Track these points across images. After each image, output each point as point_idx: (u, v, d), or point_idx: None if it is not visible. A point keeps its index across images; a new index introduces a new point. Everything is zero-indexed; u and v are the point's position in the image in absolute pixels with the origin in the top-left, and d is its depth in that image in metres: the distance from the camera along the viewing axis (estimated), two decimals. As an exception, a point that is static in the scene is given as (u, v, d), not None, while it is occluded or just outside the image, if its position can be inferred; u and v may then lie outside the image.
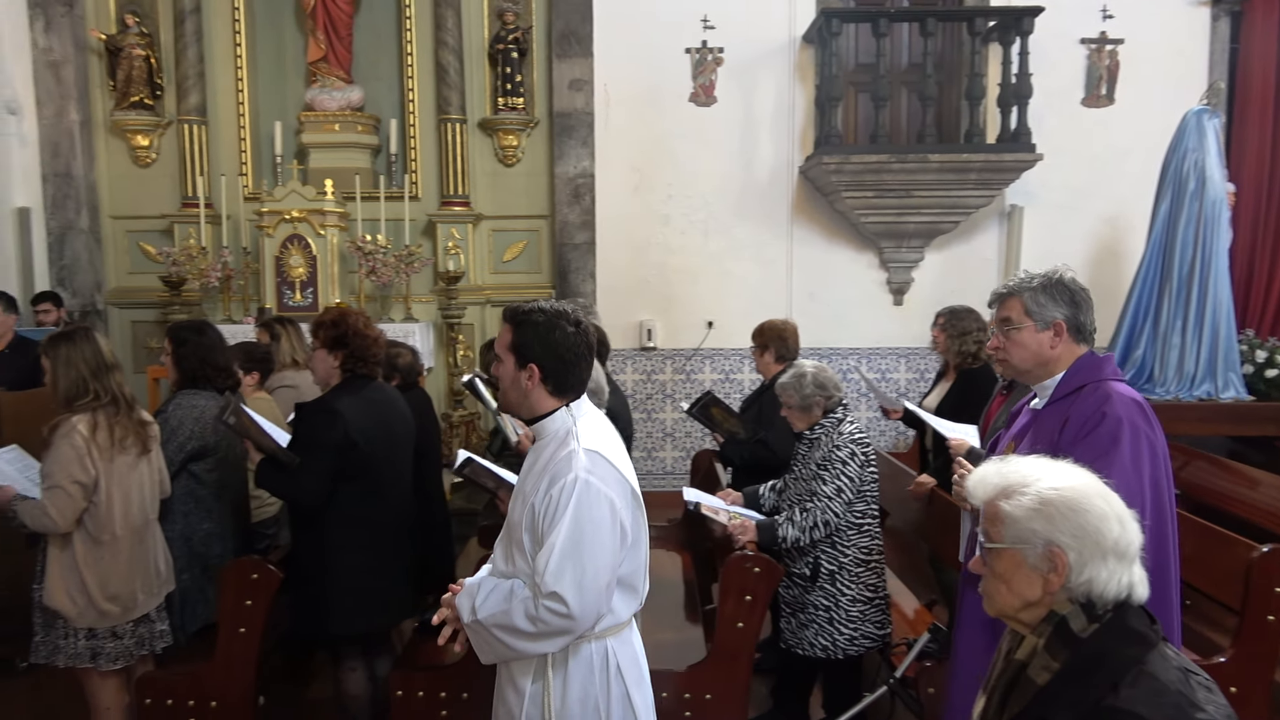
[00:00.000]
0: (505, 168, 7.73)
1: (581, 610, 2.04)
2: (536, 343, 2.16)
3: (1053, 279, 2.43)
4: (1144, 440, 2.28)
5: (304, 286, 7.10)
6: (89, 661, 3.23)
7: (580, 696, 2.15)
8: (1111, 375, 2.41)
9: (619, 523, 2.10)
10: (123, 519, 3.22)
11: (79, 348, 3.21)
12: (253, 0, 7.64)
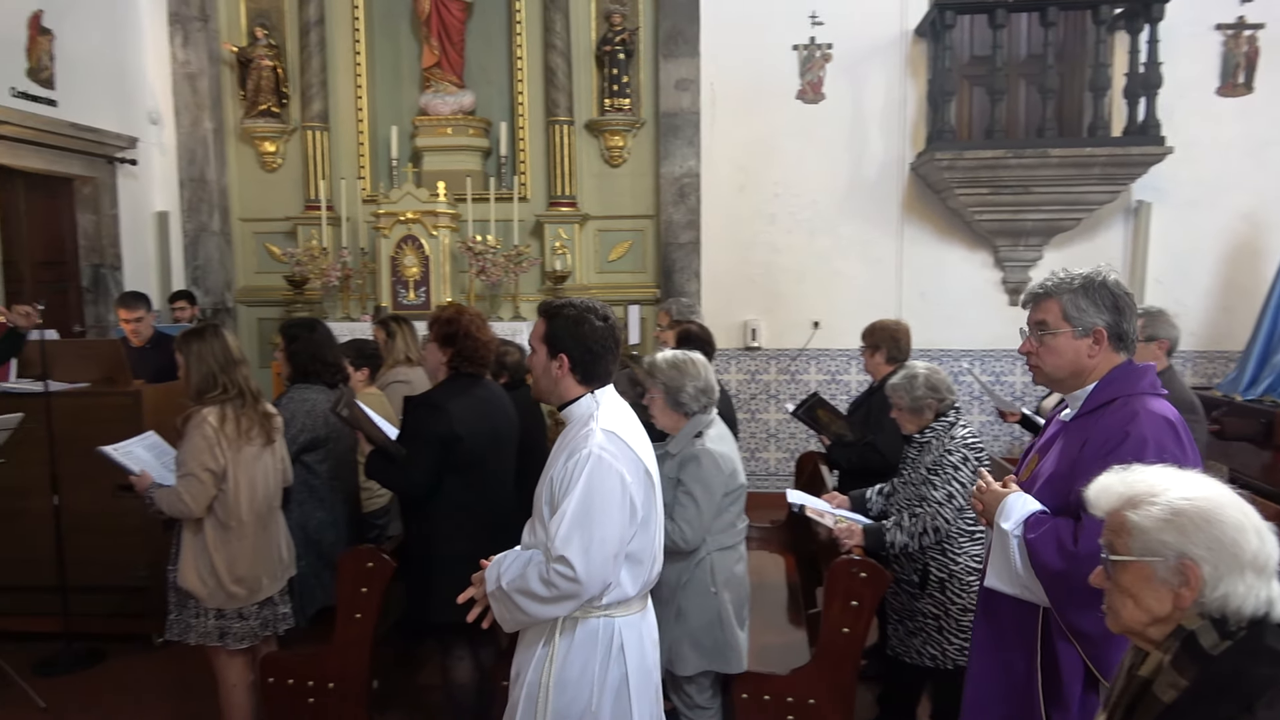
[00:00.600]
0: (611, 168, 7.80)
1: (588, 574, 2.14)
2: (567, 335, 2.31)
3: (1095, 281, 2.23)
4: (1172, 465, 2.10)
5: (418, 285, 7.33)
6: (217, 640, 3.41)
7: (579, 668, 2.25)
8: (1148, 389, 2.20)
9: (629, 497, 2.21)
10: (248, 506, 3.38)
11: (209, 344, 3.39)
12: (372, 10, 7.93)
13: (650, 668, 2.40)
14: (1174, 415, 2.17)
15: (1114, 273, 2.26)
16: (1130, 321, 2.23)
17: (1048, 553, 2.07)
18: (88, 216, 7.31)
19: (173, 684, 4.39)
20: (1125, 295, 2.23)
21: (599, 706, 2.26)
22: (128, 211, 7.54)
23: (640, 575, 2.31)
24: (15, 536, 4.67)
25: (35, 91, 6.53)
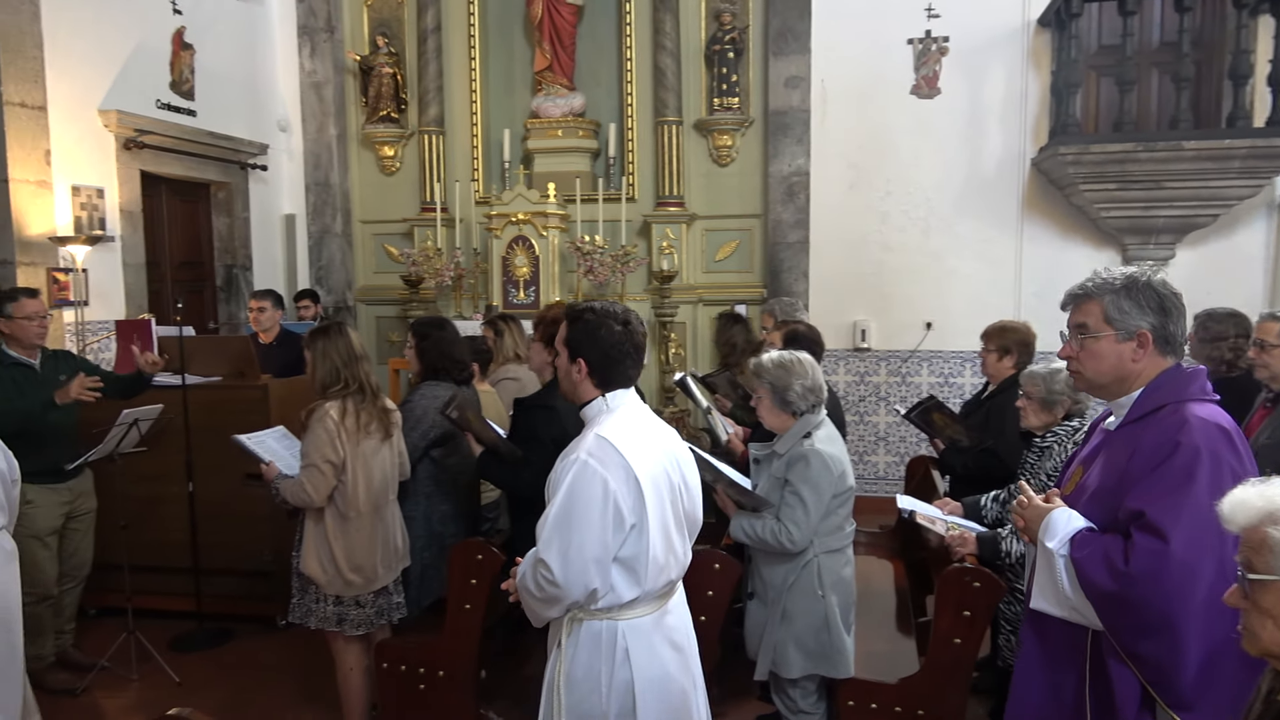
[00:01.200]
0: (719, 168, 7.78)
1: (565, 579, 2.16)
2: (585, 340, 2.32)
3: (1139, 281, 2.08)
4: (1228, 475, 1.87)
5: (527, 285, 7.47)
6: (335, 625, 3.56)
7: (585, 670, 2.27)
8: (1198, 394, 2.04)
9: (612, 504, 2.17)
10: (366, 497, 3.51)
11: (333, 341, 3.54)
12: (486, 16, 8.13)
13: (669, 673, 2.33)
14: (1227, 422, 2.02)
15: (1160, 272, 2.14)
16: (1177, 324, 2.08)
17: (1097, 573, 1.94)
18: (222, 219, 7.74)
19: (295, 664, 4.60)
20: (1172, 296, 2.09)
21: (607, 707, 2.26)
22: (258, 214, 7.95)
23: (636, 581, 2.26)
24: (156, 520, 4.98)
25: (177, 103, 6.95)
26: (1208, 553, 1.86)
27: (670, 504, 2.33)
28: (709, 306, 7.81)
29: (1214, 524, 1.84)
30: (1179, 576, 1.86)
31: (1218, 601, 1.84)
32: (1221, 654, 1.86)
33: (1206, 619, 1.86)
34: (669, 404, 7.56)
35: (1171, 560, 1.85)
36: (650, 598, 2.31)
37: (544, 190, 7.46)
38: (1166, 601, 1.87)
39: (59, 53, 5.81)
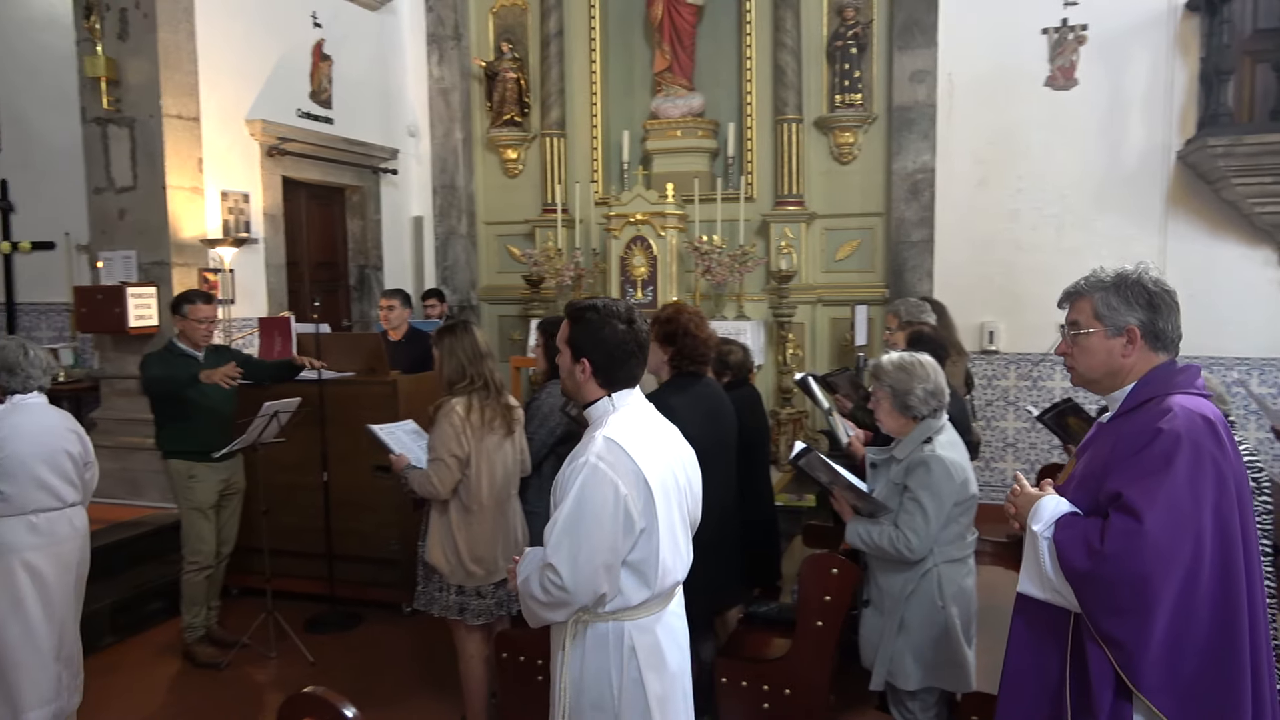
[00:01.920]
0: (840, 166, 7.64)
1: (574, 584, 2.14)
2: (587, 339, 2.28)
3: (1128, 278, 2.11)
4: (1208, 464, 1.90)
5: (645, 285, 7.52)
6: (457, 614, 3.67)
7: (595, 671, 2.25)
8: (1186, 388, 2.05)
9: (622, 509, 2.15)
10: (488, 491, 3.61)
11: (460, 339, 3.65)
12: (607, 20, 8.22)
13: (674, 669, 2.35)
14: (1213, 413, 2.01)
15: (1153, 269, 2.13)
16: (1168, 319, 2.09)
17: (1075, 553, 1.97)
18: (355, 222, 8.09)
19: (419, 650, 4.77)
20: (1163, 292, 2.10)
21: (618, 708, 2.25)
22: (389, 217, 8.28)
23: (645, 584, 2.24)
24: (294, 507, 5.26)
25: (316, 111, 7.32)
26: (1184, 538, 1.88)
27: (677, 505, 2.32)
28: (828, 307, 7.69)
29: (1191, 510, 1.88)
30: (1152, 557, 1.88)
31: (1193, 589, 1.87)
32: (1189, 642, 1.90)
33: (1180, 605, 1.89)
34: (786, 404, 7.48)
35: (1145, 540, 1.88)
36: (656, 599, 2.29)
37: (662, 191, 7.49)
38: (1139, 581, 1.89)
39: (211, 67, 6.20)
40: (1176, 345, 2.13)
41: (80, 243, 6.77)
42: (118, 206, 6.00)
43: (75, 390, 6.54)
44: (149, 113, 5.85)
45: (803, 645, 3.33)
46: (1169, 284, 2.13)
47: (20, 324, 7.50)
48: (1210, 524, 1.91)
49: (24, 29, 7.06)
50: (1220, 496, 1.93)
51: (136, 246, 5.97)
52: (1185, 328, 2.15)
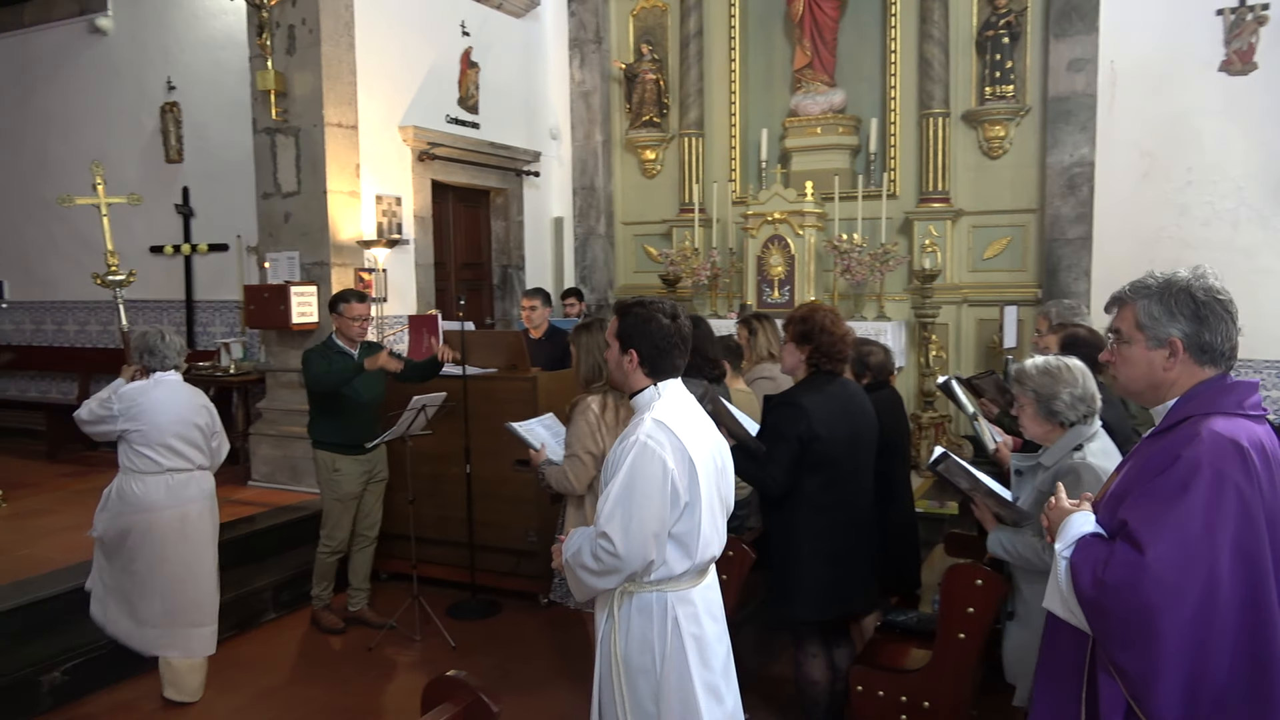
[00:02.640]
0: (989, 160, 7.34)
1: (627, 551, 2.30)
2: (635, 332, 2.45)
3: (1174, 286, 1.97)
4: (1230, 493, 1.77)
5: (782, 284, 7.44)
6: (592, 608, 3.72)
7: (640, 638, 2.42)
8: (1230, 408, 1.90)
9: (670, 483, 2.32)
10: (623, 487, 3.65)
11: (596, 337, 3.70)
12: (747, 18, 8.18)
13: (711, 638, 2.48)
14: (1249, 439, 1.84)
15: (1206, 277, 1.96)
16: (1216, 332, 1.94)
17: (1084, 578, 1.89)
18: (499, 223, 8.35)
19: (554, 641, 4.88)
20: (1212, 303, 1.94)
21: (663, 674, 2.40)
22: (530, 218, 8.51)
23: (687, 555, 2.41)
24: (439, 497, 5.48)
25: (464, 117, 7.60)
26: (1193, 572, 1.78)
27: (716, 486, 2.48)
28: (974, 307, 7.40)
29: (1204, 543, 1.77)
30: (1154, 590, 1.79)
31: (1209, 624, 1.76)
32: (1208, 681, 1.79)
33: (1194, 641, 1.79)
34: (928, 408, 7.24)
35: (1146, 572, 1.79)
36: (695, 571, 2.45)
37: (801, 189, 7.39)
38: (1142, 614, 1.80)
39: (368, 77, 6.53)
40: (1228, 359, 1.97)
41: (250, 244, 7.27)
42: (283, 210, 6.41)
43: (243, 382, 7.02)
44: (312, 122, 6.21)
45: (944, 657, 3.22)
46: (1224, 292, 1.96)
47: (197, 319, 8.11)
48: (1229, 559, 1.79)
49: (206, 48, 7.63)
50: (1244, 529, 1.79)
51: (299, 248, 6.36)
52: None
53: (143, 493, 4.04)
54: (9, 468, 6.69)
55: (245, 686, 4.43)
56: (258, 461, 6.65)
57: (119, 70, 8.11)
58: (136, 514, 4.04)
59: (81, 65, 8.33)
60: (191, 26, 7.70)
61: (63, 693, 4.21)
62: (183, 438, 4.09)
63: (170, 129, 7.88)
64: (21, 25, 8.67)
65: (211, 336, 7.91)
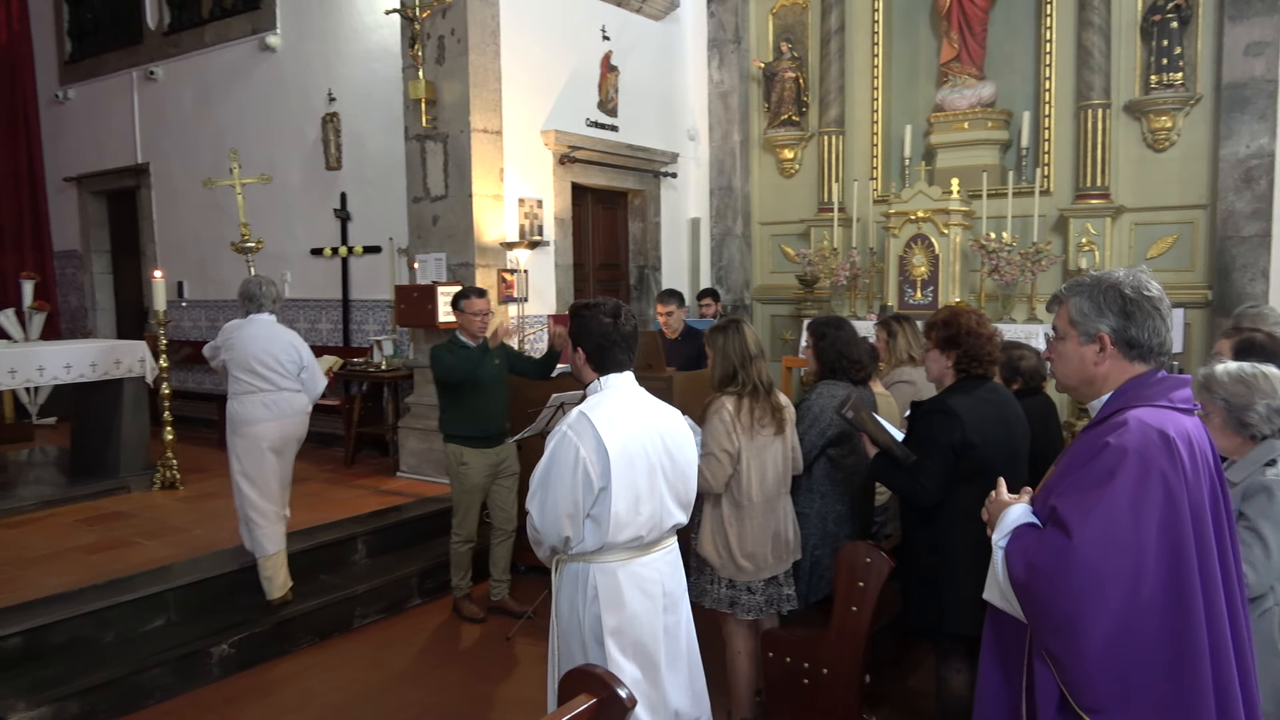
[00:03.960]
0: (1154, 153, 6.89)
1: (544, 526, 2.63)
2: (581, 331, 2.74)
3: (1104, 284, 2.03)
4: (1157, 481, 1.82)
5: (924, 285, 7.21)
6: (727, 608, 3.72)
7: (568, 603, 2.72)
8: (1158, 400, 1.95)
9: (582, 469, 2.55)
10: (758, 488, 3.62)
11: (731, 339, 3.69)
12: (890, 12, 7.98)
13: (636, 612, 2.67)
14: (1175, 430, 1.88)
15: (1137, 274, 2.01)
16: (1144, 329, 1.98)
17: (1016, 564, 1.96)
18: (636, 224, 8.45)
19: (687, 641, 4.88)
20: (1140, 299, 1.99)
21: (584, 635, 2.66)
22: (667, 219, 8.56)
23: (601, 534, 2.61)
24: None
25: (603, 120, 7.72)
26: (1120, 556, 1.82)
27: (645, 473, 2.65)
28: (1136, 310, 6.96)
29: (1130, 528, 1.81)
30: (1082, 575, 1.83)
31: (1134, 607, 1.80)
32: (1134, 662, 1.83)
33: (1121, 623, 1.82)
34: (1082, 415, 6.85)
35: (1073, 556, 1.84)
36: (616, 548, 2.65)
37: (946, 186, 7.15)
38: (1070, 598, 1.85)
39: (512, 83, 6.73)
40: (1159, 355, 2.02)
41: (401, 246, 7.62)
42: (432, 214, 6.68)
43: (393, 378, 7.36)
44: (460, 128, 6.46)
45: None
46: (1154, 290, 2.00)
47: (352, 317, 8.56)
48: (1155, 543, 1.83)
49: (363, 61, 8.05)
50: (1170, 514, 1.83)
51: (446, 249, 6.62)
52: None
53: (242, 410, 4.81)
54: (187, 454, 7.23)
55: (389, 666, 4.65)
56: (405, 454, 6.96)
57: (285, 84, 8.66)
58: (244, 427, 4.81)
59: (253, 80, 8.94)
60: (351, 41, 8.13)
61: (229, 664, 4.52)
62: (265, 365, 4.80)
63: (330, 138, 8.35)
64: (203, 45, 9.38)
65: (365, 334, 8.33)
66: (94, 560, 5.06)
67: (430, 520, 6.00)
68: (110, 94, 10.41)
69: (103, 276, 11.20)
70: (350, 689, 4.41)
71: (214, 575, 4.89)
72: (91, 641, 4.33)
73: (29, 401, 9.52)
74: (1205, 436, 1.99)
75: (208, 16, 9.37)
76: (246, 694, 4.36)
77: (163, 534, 5.56)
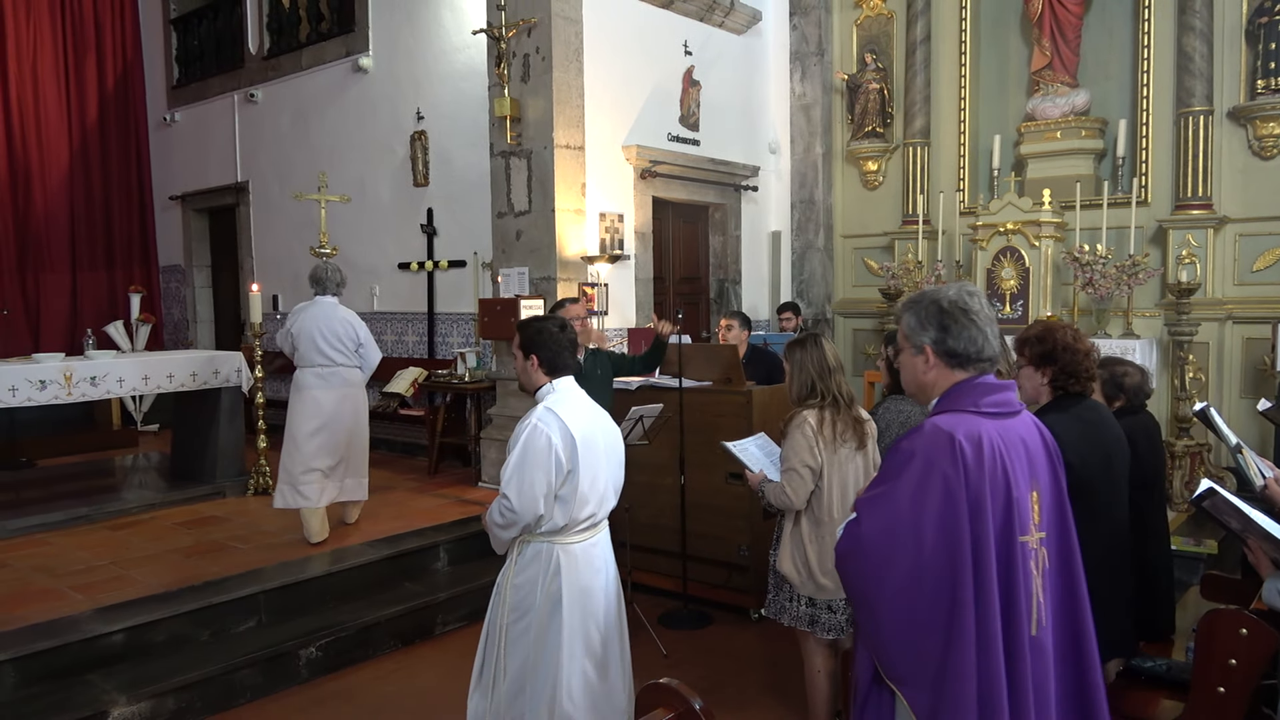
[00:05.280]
0: (1261, 161, 6.58)
1: (521, 507, 2.96)
2: (534, 342, 3.12)
3: (924, 300, 2.23)
4: (938, 479, 2.04)
5: (1014, 299, 7.02)
6: (807, 626, 3.66)
7: (525, 579, 3.09)
8: (966, 406, 2.14)
9: (554, 454, 2.96)
10: (839, 504, 3.56)
11: (809, 353, 3.65)
12: (978, 21, 7.82)
13: (590, 587, 3.11)
14: (966, 433, 2.06)
15: (964, 289, 2.21)
16: (960, 339, 2.16)
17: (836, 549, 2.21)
18: (717, 238, 8.43)
19: (766, 656, 4.83)
20: (958, 313, 2.16)
21: (539, 606, 3.04)
22: (748, 232, 8.53)
23: (568, 512, 3.03)
24: (654, 507, 5.59)
25: (684, 134, 7.74)
26: (901, 542, 2.03)
27: (598, 457, 3.08)
28: (1240, 324, 6.65)
29: (910, 519, 2.04)
30: (870, 558, 2.08)
31: (915, 587, 2.02)
32: (917, 633, 2.03)
33: (906, 603, 2.03)
34: (1183, 435, 6.55)
35: (862, 542, 2.09)
36: (577, 527, 3.08)
37: (1037, 197, 6.95)
38: (861, 580, 2.11)
39: (594, 100, 6.81)
40: (979, 362, 2.17)
41: (485, 261, 7.76)
42: (515, 228, 6.80)
43: (476, 389, 7.49)
44: (543, 144, 6.56)
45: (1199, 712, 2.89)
46: (973, 303, 2.16)
47: (437, 330, 8.75)
48: (932, 532, 2.02)
49: (450, 80, 8.26)
50: (946, 508, 2.02)
51: (529, 264, 6.72)
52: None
53: (300, 378, 5.61)
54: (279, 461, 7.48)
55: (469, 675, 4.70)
56: (487, 464, 7.07)
57: (376, 104, 8.94)
58: (298, 393, 5.61)
59: (346, 100, 9.25)
60: (439, 61, 8.35)
61: (316, 666, 4.65)
62: (326, 340, 5.53)
63: (418, 155, 8.57)
64: (300, 68, 9.76)
65: (450, 346, 8.51)
66: (191, 562, 5.27)
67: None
68: (213, 116, 10.91)
69: (203, 290, 11.71)
70: (430, 696, 4.48)
71: (303, 579, 5.04)
72: (188, 640, 4.51)
73: (134, 409, 9.99)
74: (1027, 436, 2.19)
75: (305, 40, 9.75)
76: (331, 697, 4.47)
77: (255, 538, 5.76)
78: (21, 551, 5.55)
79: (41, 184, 10.89)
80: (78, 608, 4.52)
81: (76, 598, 4.68)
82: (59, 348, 9.09)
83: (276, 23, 10.07)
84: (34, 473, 7.75)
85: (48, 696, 3.97)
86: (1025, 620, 2.10)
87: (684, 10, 7.68)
